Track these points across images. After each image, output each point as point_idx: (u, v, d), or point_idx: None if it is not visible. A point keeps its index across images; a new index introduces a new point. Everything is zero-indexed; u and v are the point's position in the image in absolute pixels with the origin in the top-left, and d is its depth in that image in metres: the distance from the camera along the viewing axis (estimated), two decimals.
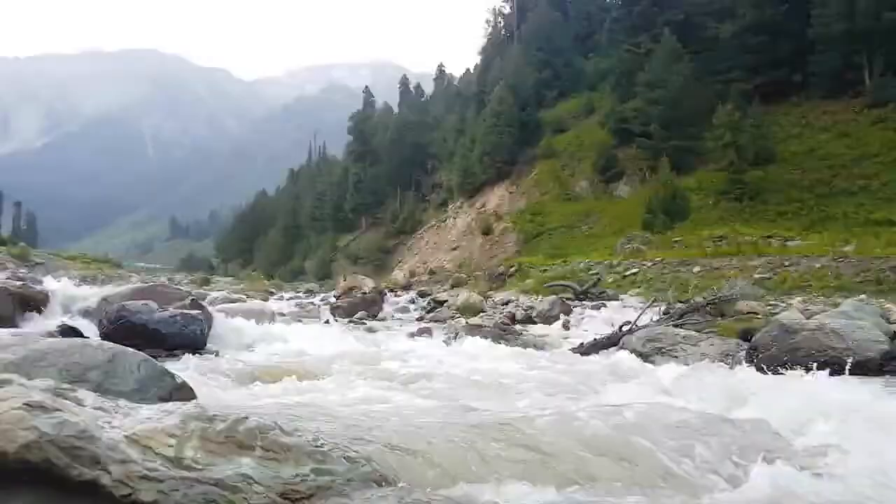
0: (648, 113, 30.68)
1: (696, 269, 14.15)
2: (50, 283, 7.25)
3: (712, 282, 11.86)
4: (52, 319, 5.07)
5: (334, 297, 15.06)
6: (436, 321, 10.36)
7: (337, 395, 3.39)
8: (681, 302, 9.32)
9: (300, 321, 8.74)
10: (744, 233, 18.20)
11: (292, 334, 6.45)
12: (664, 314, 7.81)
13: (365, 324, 9.88)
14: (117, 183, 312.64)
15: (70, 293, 6.20)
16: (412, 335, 7.69)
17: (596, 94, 42.91)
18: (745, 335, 5.66)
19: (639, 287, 14.13)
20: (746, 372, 4.12)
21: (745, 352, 4.78)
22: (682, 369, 4.39)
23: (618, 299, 12.32)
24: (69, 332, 4.13)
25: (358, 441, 2.28)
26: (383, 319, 11.22)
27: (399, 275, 30.77)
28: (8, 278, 7.69)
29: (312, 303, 14.24)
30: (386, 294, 15.72)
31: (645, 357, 5.20)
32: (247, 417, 1.74)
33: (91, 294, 6.33)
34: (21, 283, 6.13)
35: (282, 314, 9.24)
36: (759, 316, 7.55)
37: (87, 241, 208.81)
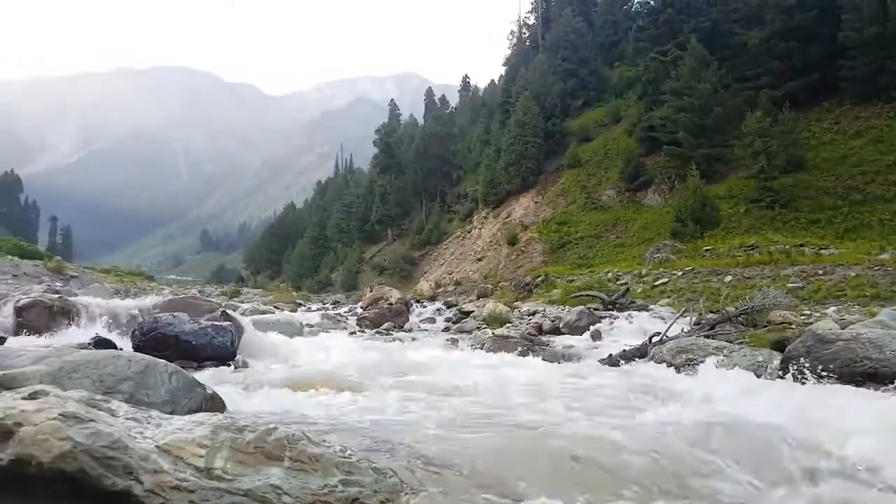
0: (676, 121, 30.34)
1: (728, 278, 13.88)
2: (84, 296, 7.42)
3: (744, 291, 11.63)
4: (86, 331, 5.17)
5: (361, 308, 15.17)
6: (462, 332, 10.33)
7: (364, 406, 3.39)
8: (712, 312, 9.15)
9: (327, 332, 8.81)
10: (776, 241, 17.81)
11: (320, 345, 6.50)
12: (695, 324, 7.67)
13: (391, 334, 9.90)
14: (150, 197, 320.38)
15: (103, 306, 6.32)
16: (438, 346, 7.68)
17: (622, 103, 42.61)
18: (779, 345, 5.52)
19: (669, 297, 13.90)
20: (779, 383, 4.02)
21: (778, 362, 4.65)
22: (714, 380, 4.30)
23: (647, 309, 12.13)
24: (103, 343, 4.20)
25: (385, 452, 2.28)
26: (409, 330, 11.23)
27: (425, 285, 30.79)
28: (44, 291, 7.91)
29: (339, 314, 14.33)
30: (412, 305, 15.76)
31: (676, 368, 5.11)
32: (276, 428, 1.75)
33: (124, 306, 6.45)
34: (57, 296, 6.28)
35: (309, 325, 9.31)
36: (792, 326, 7.37)
37: (121, 254, 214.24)
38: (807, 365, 3.98)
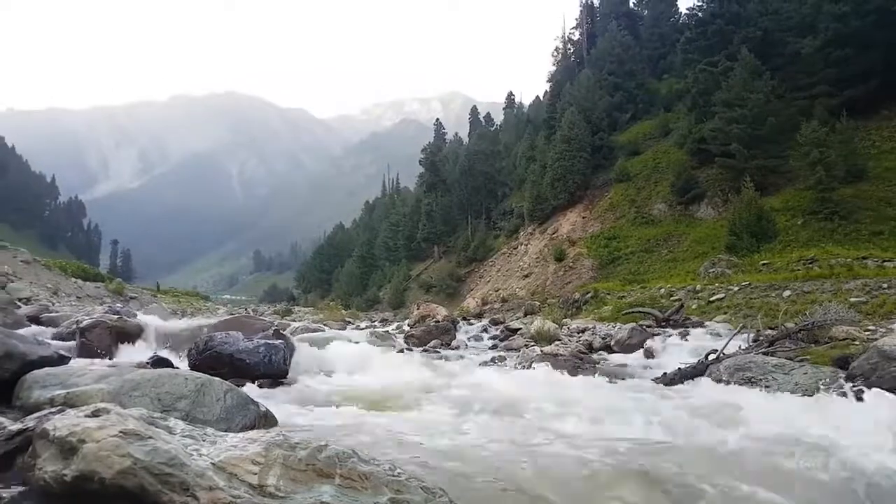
0: (728, 132, 29.56)
1: (786, 293, 13.30)
2: (143, 317, 7.69)
3: (804, 306, 11.13)
4: (145, 351, 5.34)
5: (408, 325, 15.22)
6: (509, 349, 10.23)
7: (412, 424, 3.38)
8: (770, 328, 8.78)
9: (376, 349, 8.86)
10: (836, 254, 17.00)
11: (369, 363, 6.54)
12: (753, 341, 7.39)
13: (438, 352, 9.89)
14: (205, 220, 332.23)
15: (161, 325, 6.53)
16: (486, 364, 7.62)
17: (671, 115, 41.84)
18: (842, 362, 5.25)
19: (725, 313, 13.42)
20: (843, 402, 3.81)
21: (842, 380, 4.42)
22: (777, 399, 4.12)
23: (703, 326, 11.75)
24: (160, 362, 4.33)
25: (434, 470, 2.26)
26: (456, 348, 11.19)
27: (471, 303, 30.70)
28: (105, 312, 8.25)
29: (387, 331, 14.41)
30: (459, 322, 15.73)
31: (734, 386, 4.91)
32: (326, 445, 1.77)
33: (180, 326, 6.65)
34: (117, 317, 6.50)
35: (358, 343, 9.39)
36: (856, 342, 7.01)
37: (178, 275, 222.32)
38: (872, 381, 3.78)
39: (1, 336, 3.31)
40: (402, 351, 9.70)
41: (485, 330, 15.50)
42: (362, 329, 15.98)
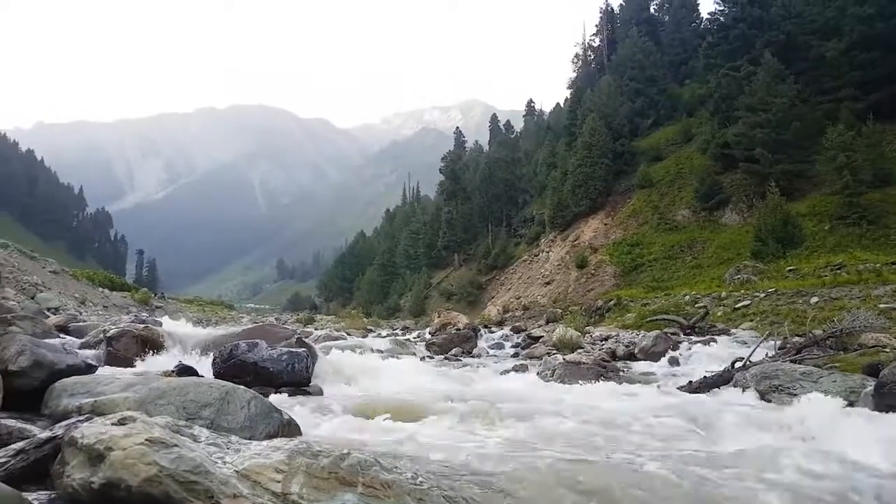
0: (752, 137, 29.20)
1: (814, 299, 13.04)
2: (168, 325, 7.80)
3: (832, 313, 10.89)
4: (170, 359, 5.40)
5: (429, 333, 15.22)
6: (531, 357, 10.17)
7: (433, 433, 3.37)
8: (798, 335, 8.61)
9: (397, 358, 8.87)
10: (864, 259, 16.64)
11: (390, 371, 6.54)
12: (780, 349, 7.25)
13: (460, 360, 9.87)
14: (229, 230, 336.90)
15: (186, 334, 6.61)
16: (507, 372, 7.58)
17: (693, 121, 41.46)
18: (872, 370, 5.10)
19: (751, 320, 13.19)
20: (873, 414, 3.71)
21: (872, 388, 4.30)
22: (804, 409, 4.02)
23: (728, 333, 11.56)
24: (186, 371, 4.37)
25: (457, 480, 2.24)
26: (478, 356, 11.15)
27: (492, 310, 30.61)
28: (132, 322, 8.38)
29: (408, 339, 14.42)
30: (480, 330, 15.67)
31: (761, 395, 4.81)
32: (349, 453, 1.77)
33: (205, 334, 6.73)
34: (143, 325, 6.59)
35: (380, 351, 9.41)
36: (886, 349, 6.82)
37: (203, 284, 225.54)
38: None
39: (30, 345, 3.38)
40: (423, 359, 9.70)
41: (506, 338, 15.43)
42: (384, 337, 16.02)
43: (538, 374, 6.96)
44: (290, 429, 2.97)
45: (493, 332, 17.22)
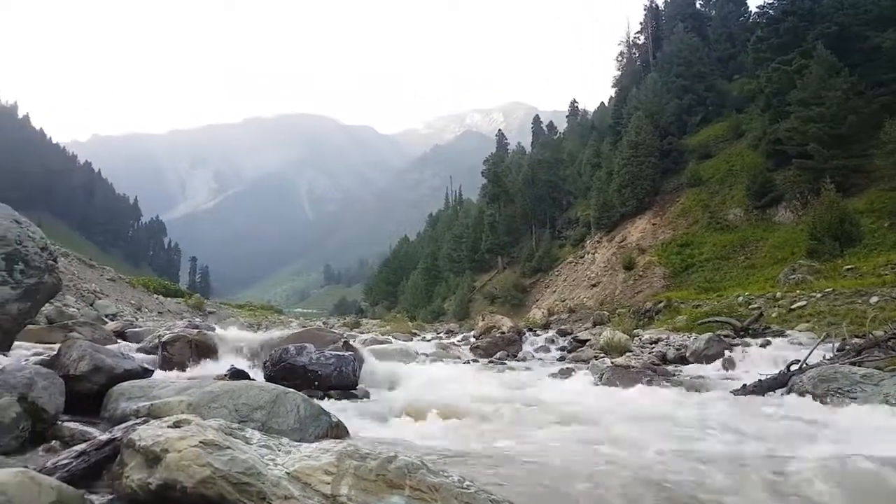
0: (805, 132, 28.12)
1: (874, 299, 12.41)
2: (221, 330, 7.99)
3: (893, 313, 10.38)
4: (222, 363, 5.53)
5: (473, 337, 15.16)
6: (578, 361, 10.01)
7: (480, 436, 3.35)
8: (857, 336, 8.22)
9: (442, 361, 8.88)
10: None
11: (435, 374, 6.55)
12: (839, 351, 6.95)
13: (505, 364, 9.79)
14: (278, 236, 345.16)
15: (238, 339, 6.75)
16: (554, 376, 7.49)
17: (743, 117, 40.20)
18: None
19: (807, 321, 12.66)
20: None
21: None
22: (865, 413, 3.84)
23: (784, 335, 11.13)
24: (237, 374, 4.47)
25: (504, 484, 2.22)
26: (523, 360, 11.05)
27: (537, 313, 30.28)
28: (185, 327, 8.64)
29: (453, 343, 14.41)
30: (524, 333, 15.53)
31: (819, 399, 4.61)
32: (396, 456, 1.77)
33: (256, 339, 6.87)
34: (196, 330, 6.77)
35: (425, 354, 9.43)
36: None
37: (253, 290, 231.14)
38: None
39: (90, 351, 3.52)
40: (468, 362, 9.67)
41: (552, 341, 15.24)
42: (428, 340, 16.06)
43: (586, 377, 6.85)
44: (338, 431, 3.00)
45: (538, 336, 17.02)
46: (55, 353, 3.72)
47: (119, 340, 7.73)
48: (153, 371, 4.24)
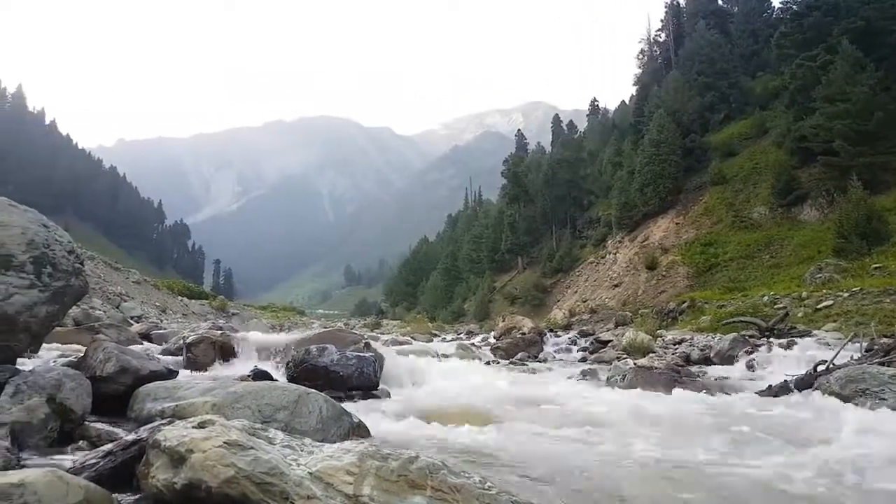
0: (831, 129, 27.55)
1: None
2: (244, 331, 8.08)
3: None
4: (246, 364, 5.60)
5: (494, 337, 15.13)
6: (600, 362, 9.95)
7: (501, 437, 3.34)
8: (885, 336, 8.04)
9: (463, 362, 8.87)
10: None
11: (456, 375, 6.55)
12: (867, 351, 6.80)
13: (526, 364, 9.76)
14: (299, 238, 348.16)
15: (261, 340, 6.83)
16: (576, 377, 7.44)
17: (767, 114, 39.50)
18: None
19: (834, 321, 12.40)
20: None
21: None
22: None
23: (810, 335, 10.93)
24: (261, 375, 4.51)
25: (526, 485, 2.21)
26: (544, 360, 11.01)
27: (558, 314, 30.12)
28: (210, 328, 8.75)
29: (474, 344, 14.40)
30: (545, 334, 15.46)
31: (846, 400, 4.51)
32: (417, 456, 1.77)
33: (278, 340, 6.93)
34: (220, 332, 6.85)
35: (445, 355, 9.43)
36: None
37: (275, 291, 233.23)
38: None
39: (116, 352, 3.58)
40: (488, 363, 9.66)
41: (573, 342, 15.16)
42: (448, 341, 16.07)
43: (608, 379, 6.79)
44: (360, 431, 3.01)
45: (559, 336, 16.95)
46: (82, 354, 3.80)
47: (144, 342, 7.87)
48: (178, 372, 4.30)
